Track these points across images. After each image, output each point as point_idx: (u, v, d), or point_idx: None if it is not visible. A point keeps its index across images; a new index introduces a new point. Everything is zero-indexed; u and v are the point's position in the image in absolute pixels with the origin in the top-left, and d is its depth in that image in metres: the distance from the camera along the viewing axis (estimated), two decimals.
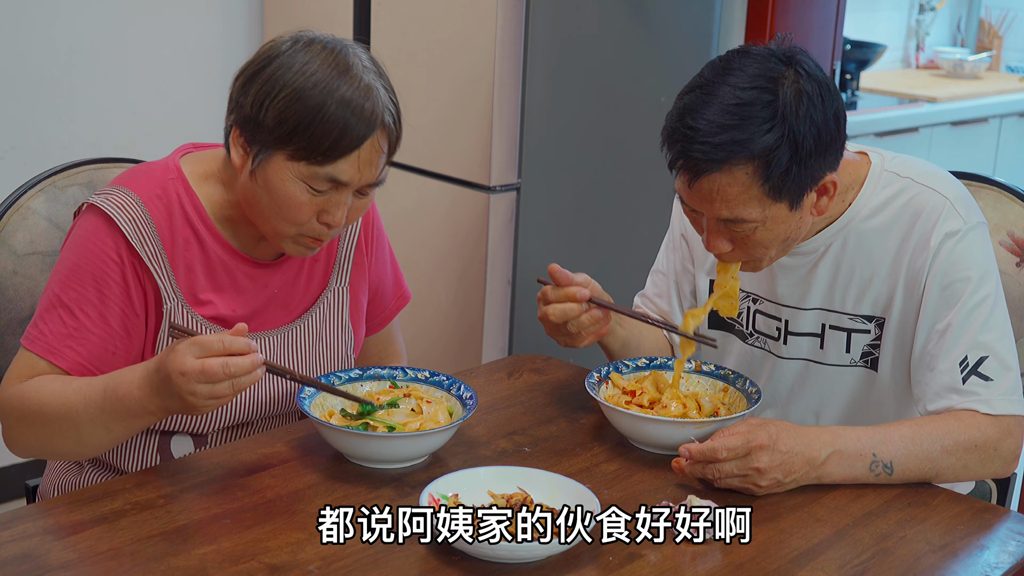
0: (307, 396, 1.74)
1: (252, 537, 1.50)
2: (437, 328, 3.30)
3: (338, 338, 1.94)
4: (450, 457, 1.74)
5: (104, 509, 1.55)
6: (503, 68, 3.05)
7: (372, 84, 1.70)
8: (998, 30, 5.83)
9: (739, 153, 1.66)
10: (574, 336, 1.86)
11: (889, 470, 1.69)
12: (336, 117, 1.66)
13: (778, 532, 1.57)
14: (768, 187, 1.68)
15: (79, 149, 3.25)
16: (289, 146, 1.67)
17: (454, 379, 1.83)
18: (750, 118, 1.66)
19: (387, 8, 3.28)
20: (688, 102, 1.70)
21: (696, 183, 1.70)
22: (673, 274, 2.09)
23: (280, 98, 1.67)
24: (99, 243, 1.73)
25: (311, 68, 1.67)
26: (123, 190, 1.76)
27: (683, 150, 1.69)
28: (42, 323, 1.73)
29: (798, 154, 1.67)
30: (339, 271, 1.94)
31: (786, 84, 1.67)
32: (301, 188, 1.69)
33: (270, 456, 1.72)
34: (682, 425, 1.74)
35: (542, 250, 3.24)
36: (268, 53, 1.72)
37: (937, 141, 4.83)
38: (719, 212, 1.71)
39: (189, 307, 1.78)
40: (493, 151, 3.09)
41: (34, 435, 1.72)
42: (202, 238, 1.79)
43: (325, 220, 1.73)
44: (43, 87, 3.28)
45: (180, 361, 1.53)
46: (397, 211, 3.31)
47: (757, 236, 1.74)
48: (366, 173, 1.71)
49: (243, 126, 1.71)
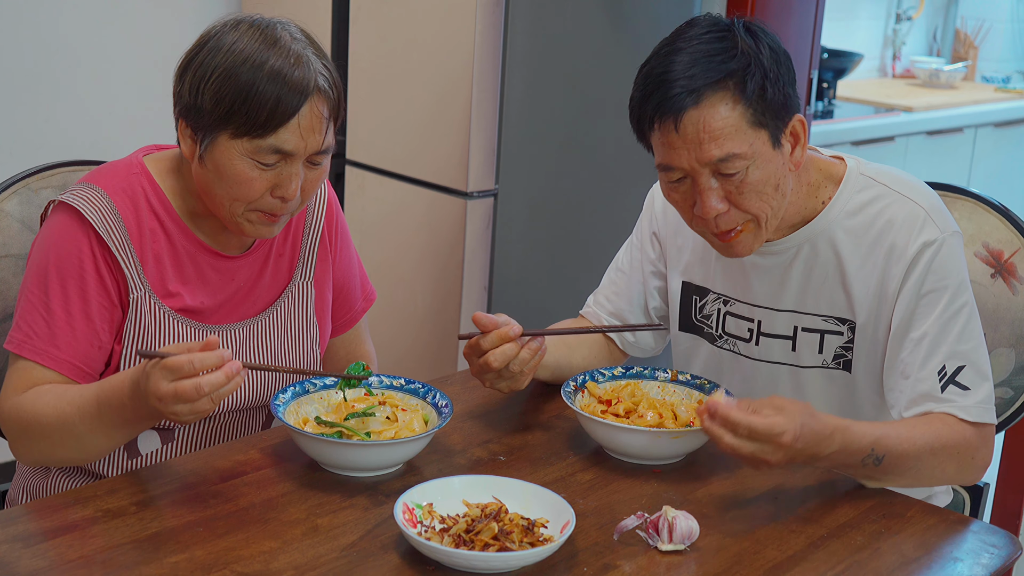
0: (281, 403, 1.74)
1: (225, 545, 1.49)
2: (413, 333, 3.29)
3: (303, 332, 1.95)
4: (425, 465, 1.74)
5: (75, 516, 1.54)
6: (481, 73, 3.04)
7: (302, 53, 1.72)
8: (974, 40, 5.87)
9: (714, 79, 1.71)
10: (516, 376, 1.82)
11: (878, 462, 1.69)
12: (268, 88, 1.68)
13: (753, 543, 1.57)
14: (750, 112, 1.72)
15: (53, 151, 3.23)
16: (230, 125, 1.70)
17: (430, 387, 1.82)
18: (715, 53, 1.73)
19: (366, 13, 3.27)
20: (652, 64, 1.76)
21: (681, 125, 1.71)
22: (639, 273, 2.09)
23: (213, 80, 1.70)
24: (72, 239, 1.74)
25: (239, 46, 1.70)
26: (89, 186, 1.78)
27: (661, 95, 1.72)
28: (25, 325, 1.74)
29: (768, 75, 1.73)
30: (303, 266, 1.95)
31: (738, 27, 1.76)
32: (249, 164, 1.71)
33: (244, 463, 1.71)
34: (657, 435, 1.74)
35: (519, 256, 3.24)
36: (200, 41, 1.75)
37: (913, 150, 4.85)
38: (710, 153, 1.72)
39: (157, 298, 1.79)
40: (471, 157, 3.08)
41: (37, 448, 1.73)
42: (168, 230, 1.81)
43: (279, 194, 1.74)
44: (18, 88, 3.26)
45: (154, 387, 1.54)
46: (374, 216, 3.30)
47: (750, 179, 1.74)
48: (310, 141, 1.72)
49: (186, 115, 1.74)
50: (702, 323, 2.01)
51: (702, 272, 2.00)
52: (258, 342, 1.90)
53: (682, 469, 1.76)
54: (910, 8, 5.67)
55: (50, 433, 1.69)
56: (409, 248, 3.27)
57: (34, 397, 1.70)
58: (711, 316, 1.99)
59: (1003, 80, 5.67)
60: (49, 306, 1.73)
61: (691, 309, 2.02)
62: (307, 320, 1.95)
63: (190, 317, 1.83)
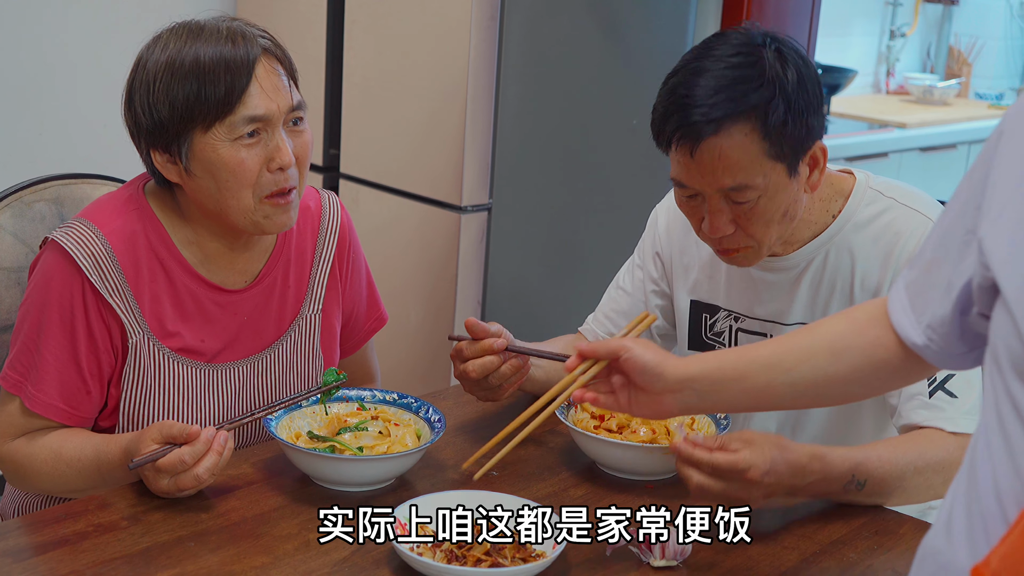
0: (274, 417, 1.73)
1: (216, 560, 1.49)
2: (406, 347, 3.29)
3: (308, 366, 1.92)
4: (417, 480, 1.73)
5: (66, 531, 1.54)
6: (476, 87, 3.05)
7: (231, 26, 1.71)
8: (967, 57, 5.88)
9: (736, 110, 1.69)
10: (495, 389, 1.83)
11: (861, 487, 1.69)
12: (216, 68, 1.67)
13: (745, 559, 1.57)
14: (768, 145, 1.71)
15: (47, 164, 3.22)
16: (196, 120, 1.68)
17: (423, 401, 1.82)
18: (741, 79, 1.71)
19: (361, 27, 3.27)
20: (678, 80, 1.75)
21: (697, 151, 1.71)
22: (641, 293, 2.09)
23: (158, 89, 1.68)
24: (61, 284, 1.72)
25: (169, 47, 1.70)
26: (85, 223, 1.74)
27: (681, 119, 1.71)
28: (19, 364, 1.75)
29: (792, 107, 1.71)
30: (311, 298, 1.92)
31: (767, 50, 1.74)
32: (233, 147, 1.69)
33: (236, 478, 1.70)
34: (650, 451, 1.74)
35: (513, 270, 3.24)
36: (132, 69, 1.74)
37: (906, 167, 4.86)
38: (722, 181, 1.72)
39: (156, 339, 1.77)
40: (465, 171, 3.08)
41: (33, 489, 1.79)
42: (168, 268, 1.78)
43: (275, 167, 1.72)
44: (13, 101, 3.26)
45: (155, 486, 1.60)
46: (367, 229, 3.30)
47: (760, 208, 1.75)
48: (279, 100, 1.71)
49: (152, 140, 1.72)
50: (713, 340, 2.01)
51: (710, 289, 2.00)
52: (261, 379, 1.87)
53: (675, 485, 1.76)
54: (904, 25, 5.69)
55: (47, 486, 1.75)
56: (403, 262, 3.26)
57: (27, 454, 1.73)
58: (723, 333, 1.99)
59: (996, 97, 5.68)
60: (40, 349, 1.73)
61: (701, 327, 2.02)
62: (313, 353, 1.92)
63: (190, 357, 1.80)
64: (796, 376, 1.47)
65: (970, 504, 1.15)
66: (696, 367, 1.51)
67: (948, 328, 1.30)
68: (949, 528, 1.17)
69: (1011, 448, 1.11)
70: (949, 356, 1.34)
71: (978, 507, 1.13)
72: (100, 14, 3.38)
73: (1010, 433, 1.11)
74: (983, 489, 1.13)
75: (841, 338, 1.44)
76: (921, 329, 1.33)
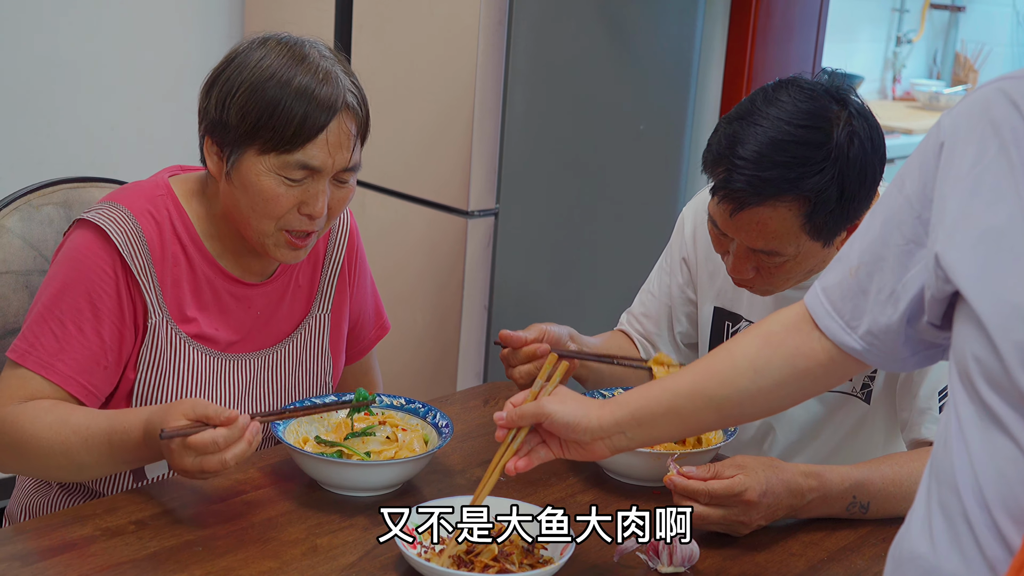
0: (281, 423, 1.73)
1: (224, 565, 1.49)
2: (412, 352, 3.28)
3: (316, 365, 1.93)
4: (425, 485, 1.73)
5: (74, 535, 1.54)
6: (483, 92, 3.05)
7: (330, 69, 1.72)
8: (974, 64, 5.88)
9: (788, 191, 1.65)
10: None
11: (865, 509, 1.69)
12: (296, 105, 1.68)
13: (753, 566, 1.56)
14: (810, 226, 1.68)
15: (55, 167, 3.23)
16: (257, 140, 1.69)
17: (430, 407, 1.82)
18: (802, 158, 1.65)
19: (368, 32, 3.27)
20: (736, 130, 1.69)
21: (738, 214, 1.70)
22: (667, 298, 2.09)
23: (239, 94, 1.69)
24: (94, 257, 1.73)
25: (267, 62, 1.70)
26: (115, 205, 1.76)
27: (729, 179, 1.68)
28: (32, 336, 1.72)
29: (844, 196, 1.67)
30: (321, 298, 1.93)
31: (839, 125, 1.66)
32: (276, 180, 1.70)
33: (243, 482, 1.70)
34: (658, 456, 1.74)
35: (519, 276, 3.24)
36: (227, 57, 1.75)
37: None
38: (754, 243, 1.72)
39: (174, 323, 1.78)
40: (472, 175, 3.08)
41: (26, 464, 1.72)
42: (190, 255, 1.79)
43: (306, 212, 1.73)
44: (19, 105, 3.26)
45: (179, 463, 1.55)
46: (374, 233, 3.30)
47: (786, 268, 1.75)
48: (338, 157, 1.72)
49: (212, 132, 1.74)
50: None
51: (734, 298, 2.00)
52: (271, 374, 1.88)
53: None
54: (910, 31, 5.69)
55: (46, 455, 1.66)
56: (409, 267, 3.26)
57: (32, 415, 1.67)
58: None
59: None
60: (63, 321, 1.71)
61: (723, 335, 2.02)
62: (321, 353, 1.94)
63: (205, 344, 1.81)
64: (721, 399, 1.46)
65: (949, 510, 1.14)
66: (620, 411, 1.50)
67: (892, 336, 1.30)
68: (930, 534, 1.16)
69: (995, 456, 1.11)
70: (891, 360, 1.34)
71: (961, 515, 1.13)
72: (109, 18, 3.38)
73: (992, 440, 1.11)
74: (966, 497, 1.12)
75: (760, 354, 1.43)
76: (859, 335, 1.33)
